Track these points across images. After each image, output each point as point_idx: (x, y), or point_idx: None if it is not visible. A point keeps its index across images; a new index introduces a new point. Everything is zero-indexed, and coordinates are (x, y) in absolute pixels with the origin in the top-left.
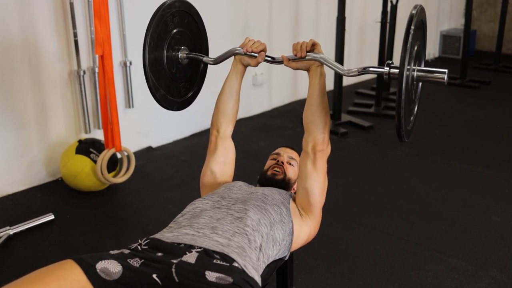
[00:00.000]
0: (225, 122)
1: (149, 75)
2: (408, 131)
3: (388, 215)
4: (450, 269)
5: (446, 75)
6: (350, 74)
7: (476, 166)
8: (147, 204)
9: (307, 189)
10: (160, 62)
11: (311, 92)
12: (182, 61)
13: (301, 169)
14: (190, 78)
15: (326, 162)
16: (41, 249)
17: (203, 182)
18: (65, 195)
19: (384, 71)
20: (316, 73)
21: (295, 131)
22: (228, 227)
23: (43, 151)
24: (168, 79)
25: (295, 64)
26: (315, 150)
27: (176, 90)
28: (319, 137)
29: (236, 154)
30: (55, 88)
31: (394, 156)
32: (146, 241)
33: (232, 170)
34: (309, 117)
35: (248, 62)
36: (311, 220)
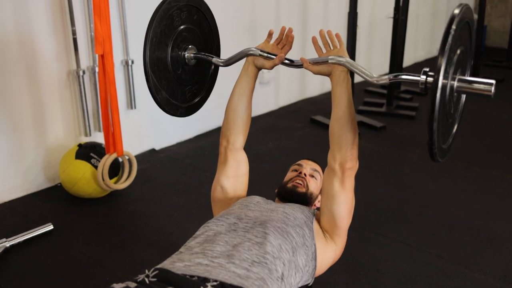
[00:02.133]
0: (235, 132)
1: (149, 73)
2: (443, 150)
3: (407, 223)
4: (477, 286)
5: (493, 87)
6: (380, 82)
7: (496, 171)
8: (151, 211)
9: (334, 211)
10: (163, 61)
11: (338, 102)
12: (189, 62)
13: (326, 189)
14: (198, 82)
15: (354, 179)
16: (40, 262)
17: (213, 198)
18: (64, 202)
19: (420, 80)
20: (342, 79)
21: (304, 132)
22: (246, 255)
23: (41, 156)
24: (172, 81)
25: (316, 67)
26: (343, 168)
27: (181, 94)
28: (348, 154)
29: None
30: (53, 89)
31: (409, 159)
32: (154, 272)
33: (245, 184)
34: (338, 131)
35: (262, 64)
36: (336, 243)
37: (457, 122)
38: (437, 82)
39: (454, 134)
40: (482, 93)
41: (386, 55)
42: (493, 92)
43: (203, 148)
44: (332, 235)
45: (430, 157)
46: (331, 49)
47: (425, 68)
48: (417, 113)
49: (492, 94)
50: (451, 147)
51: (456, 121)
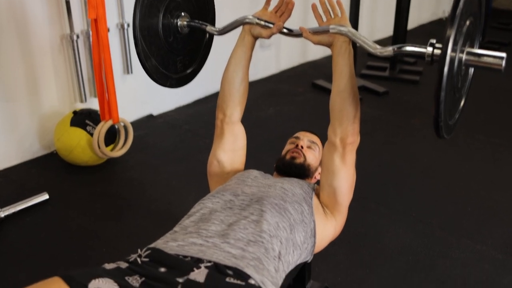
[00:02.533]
0: (232, 104)
1: (138, 38)
2: (449, 126)
3: (409, 193)
4: (479, 257)
5: (503, 61)
6: (384, 54)
7: (501, 139)
8: (149, 179)
9: (335, 187)
10: (154, 26)
11: (339, 74)
12: (182, 30)
13: (327, 164)
14: (191, 52)
15: (355, 154)
16: (35, 233)
17: (210, 172)
18: (60, 170)
19: (426, 52)
20: (343, 50)
21: (305, 97)
22: (241, 234)
23: (36, 123)
24: (162, 48)
25: (316, 37)
26: (344, 143)
27: (172, 64)
28: (349, 128)
29: (243, 122)
30: (46, 54)
31: (412, 126)
32: (147, 252)
33: (243, 158)
34: (339, 105)
35: (259, 33)
36: (336, 219)
37: (464, 97)
38: (445, 55)
39: (461, 109)
40: (492, 67)
41: (390, 18)
42: (504, 67)
43: (202, 113)
44: (333, 210)
45: (435, 133)
46: (332, 18)
47: (432, 39)
48: (421, 78)
49: (503, 69)
50: (458, 123)
51: (463, 96)
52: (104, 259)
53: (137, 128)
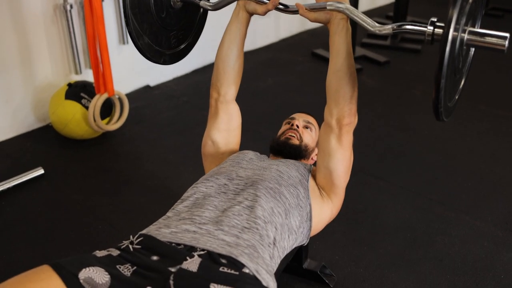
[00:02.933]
0: (226, 82)
1: (129, 16)
2: (449, 109)
3: (409, 167)
4: (478, 234)
5: (507, 41)
6: (383, 32)
7: (503, 110)
8: (146, 153)
9: (331, 169)
10: (146, 2)
11: (336, 52)
12: (175, 5)
13: (323, 145)
14: (184, 27)
15: (352, 135)
16: (30, 209)
17: (204, 153)
18: (55, 143)
19: (426, 31)
20: (340, 27)
21: (305, 66)
22: (236, 220)
23: (30, 95)
24: (155, 25)
25: (313, 14)
26: (341, 124)
27: (165, 40)
28: (346, 109)
29: (241, 94)
30: (39, 25)
31: (413, 96)
32: (139, 239)
33: (238, 138)
34: (335, 85)
35: (254, 9)
36: (333, 201)
37: (464, 78)
38: (446, 37)
39: (460, 90)
40: (495, 48)
41: None
42: (507, 47)
43: (200, 84)
44: (329, 192)
45: (435, 116)
46: None
47: (433, 17)
48: (423, 46)
49: (506, 49)
50: (457, 104)
51: (463, 77)
52: (100, 236)
53: (134, 99)
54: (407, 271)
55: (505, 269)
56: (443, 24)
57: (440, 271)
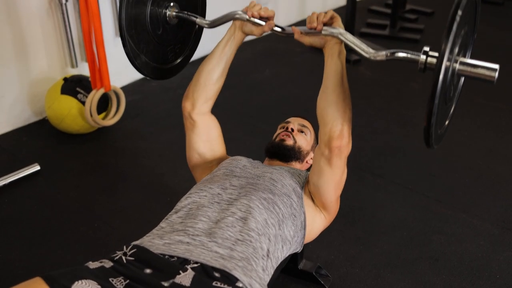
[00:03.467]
0: (203, 97)
1: (126, 38)
2: (439, 136)
3: (406, 163)
4: (475, 233)
5: (496, 73)
6: (377, 58)
7: (502, 103)
8: (142, 149)
9: (319, 187)
10: (142, 22)
11: (327, 75)
12: (171, 21)
13: (314, 163)
14: (181, 41)
15: (345, 159)
16: (26, 207)
17: (192, 166)
18: (52, 138)
19: (419, 60)
20: (334, 51)
21: (303, 58)
22: (229, 232)
23: (26, 89)
24: (151, 42)
25: (308, 38)
26: (330, 146)
27: (162, 55)
28: (334, 130)
29: (238, 86)
30: (34, 18)
31: (411, 89)
32: (132, 250)
33: (222, 145)
34: (323, 104)
35: (250, 30)
36: (325, 214)
37: (454, 104)
38: (439, 70)
39: (450, 115)
40: (485, 79)
41: None
42: (496, 78)
43: None
44: (320, 206)
45: (425, 144)
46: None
47: (426, 47)
48: (422, 36)
49: (495, 81)
50: (447, 129)
51: (453, 103)
52: (96, 235)
53: (130, 92)
54: (403, 271)
55: (501, 268)
56: (436, 53)
57: (436, 271)
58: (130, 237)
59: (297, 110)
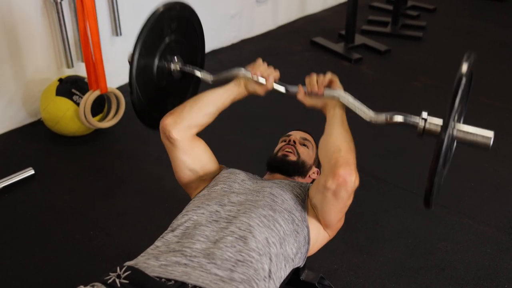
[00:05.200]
0: (184, 133)
1: (134, 86)
2: (437, 196)
3: (409, 166)
4: (482, 240)
5: (491, 141)
6: (377, 122)
7: (507, 103)
8: (139, 152)
9: (322, 211)
10: (149, 72)
11: (328, 135)
12: (175, 75)
13: (316, 192)
14: (180, 92)
15: (352, 193)
16: (20, 213)
17: (185, 184)
18: (47, 141)
19: (419, 125)
20: (334, 113)
21: (303, 56)
22: (229, 253)
23: (21, 90)
24: (154, 93)
25: (310, 101)
26: (335, 173)
27: (163, 107)
28: (340, 160)
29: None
30: (29, 18)
31: (414, 88)
32: (126, 272)
33: (212, 158)
34: (325, 147)
35: (254, 90)
36: (327, 231)
37: (448, 166)
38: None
39: (445, 175)
40: (480, 146)
41: None
42: (491, 145)
43: None
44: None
45: (424, 205)
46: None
47: (424, 112)
48: (424, 34)
49: (490, 147)
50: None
51: (448, 164)
52: (92, 242)
53: (127, 92)
54: (408, 282)
55: (508, 278)
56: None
57: (441, 280)
58: (126, 246)
59: (298, 111)
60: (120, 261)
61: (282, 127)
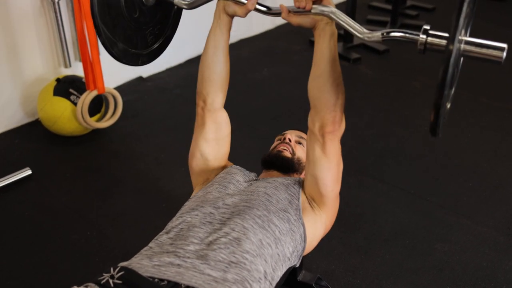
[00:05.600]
0: (213, 90)
1: (99, 26)
2: (443, 123)
3: (408, 166)
4: (480, 241)
5: (504, 53)
6: (372, 39)
7: (506, 103)
8: (137, 152)
9: (317, 178)
10: (115, 5)
11: (318, 58)
12: (147, 2)
13: (308, 153)
14: (160, 21)
15: (339, 143)
16: (17, 213)
17: (192, 166)
18: (44, 141)
19: (419, 40)
20: (325, 32)
21: (302, 56)
22: (222, 254)
23: (19, 90)
24: (129, 27)
25: (296, 18)
26: (323, 132)
27: (141, 40)
28: (328, 117)
29: (236, 86)
30: (27, 18)
31: (413, 88)
32: (120, 273)
33: (227, 148)
34: (315, 92)
35: (234, 11)
36: (325, 212)
37: (454, 87)
38: (449, 56)
39: (452, 97)
40: (491, 59)
41: None
42: (504, 58)
43: (194, 75)
44: (319, 203)
45: (431, 133)
46: None
47: (426, 25)
48: None
49: (503, 61)
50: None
51: (455, 85)
52: (89, 243)
53: (125, 92)
54: (406, 282)
55: (506, 278)
56: (438, 33)
57: (439, 281)
58: (123, 246)
59: (297, 111)
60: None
61: (280, 128)
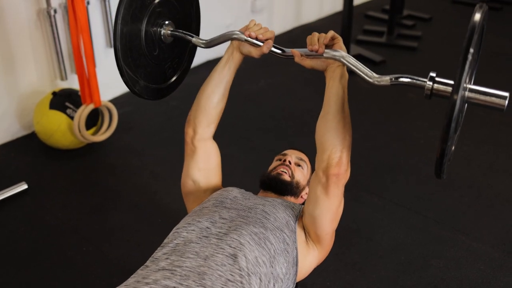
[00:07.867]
0: (205, 121)
1: (123, 67)
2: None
3: (405, 181)
4: (475, 257)
5: (506, 100)
6: (381, 83)
7: (502, 116)
8: (133, 166)
9: (315, 218)
10: (137, 46)
11: (328, 98)
12: (166, 40)
13: (310, 192)
14: (178, 55)
15: (343, 189)
16: (12, 229)
17: (185, 192)
18: (40, 154)
19: (426, 86)
20: (336, 74)
21: (299, 68)
22: (219, 272)
23: (14, 103)
24: (149, 65)
25: (309, 61)
26: (327, 174)
27: (161, 74)
28: (333, 157)
29: (232, 98)
30: (22, 30)
31: (409, 101)
32: None
33: (219, 175)
34: (322, 130)
35: (248, 51)
36: (318, 249)
37: (459, 129)
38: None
39: (456, 140)
40: (494, 107)
41: None
42: (506, 106)
43: (190, 86)
44: (314, 240)
45: (435, 175)
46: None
47: (432, 72)
48: (419, 44)
49: (505, 109)
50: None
51: (459, 129)
52: (85, 260)
53: (122, 104)
54: None
55: None
56: (443, 80)
57: None
58: (119, 262)
59: (294, 123)
60: (113, 278)
61: (275, 140)
